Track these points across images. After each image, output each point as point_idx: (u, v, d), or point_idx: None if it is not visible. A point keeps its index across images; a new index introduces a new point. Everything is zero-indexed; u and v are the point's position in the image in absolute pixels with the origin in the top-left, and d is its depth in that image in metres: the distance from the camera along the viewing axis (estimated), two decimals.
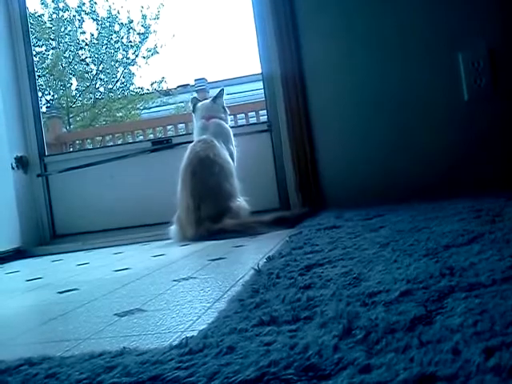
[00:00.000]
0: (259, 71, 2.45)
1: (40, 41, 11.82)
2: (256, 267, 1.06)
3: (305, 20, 2.23)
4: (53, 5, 12.14)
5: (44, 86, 11.77)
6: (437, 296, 0.68)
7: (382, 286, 0.77)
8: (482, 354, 0.47)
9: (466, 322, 0.56)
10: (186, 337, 0.66)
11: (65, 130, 10.57)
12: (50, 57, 12.07)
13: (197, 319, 0.83)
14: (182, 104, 11.35)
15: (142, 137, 7.01)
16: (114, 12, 12.41)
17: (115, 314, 0.95)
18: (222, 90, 2.43)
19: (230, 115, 2.49)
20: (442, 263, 0.86)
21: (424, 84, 2.13)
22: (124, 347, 0.67)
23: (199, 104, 2.41)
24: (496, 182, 2.00)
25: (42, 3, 11.99)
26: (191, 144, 2.23)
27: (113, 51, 12.48)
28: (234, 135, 2.35)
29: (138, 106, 12.37)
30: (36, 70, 2.81)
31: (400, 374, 0.46)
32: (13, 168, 2.54)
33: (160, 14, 12.96)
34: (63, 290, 1.32)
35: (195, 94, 2.26)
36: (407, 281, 0.78)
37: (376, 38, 2.17)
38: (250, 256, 1.55)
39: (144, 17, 12.32)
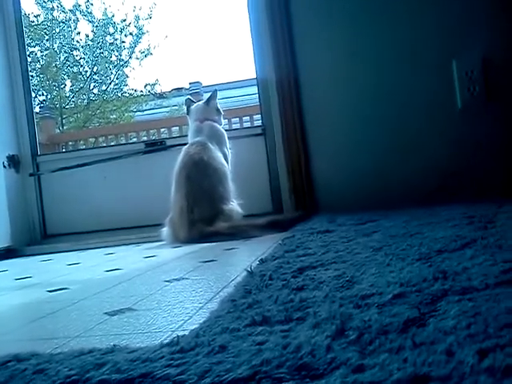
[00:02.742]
0: (254, 76, 2.44)
1: (34, 41, 11.75)
2: (249, 269, 1.06)
3: (300, 25, 2.23)
4: (47, 5, 12.09)
5: (37, 87, 11.70)
6: (430, 299, 0.68)
7: (374, 289, 0.77)
8: (476, 355, 0.47)
9: (459, 325, 0.56)
10: (178, 335, 0.65)
11: (58, 130, 10.51)
12: (43, 57, 12.01)
13: (188, 319, 0.83)
14: (175, 107, 11.32)
15: (135, 139, 6.96)
16: (109, 14, 12.38)
17: (105, 313, 0.94)
18: (216, 91, 2.41)
19: (224, 119, 2.48)
20: (435, 267, 0.86)
21: (418, 91, 2.14)
22: (114, 345, 0.66)
23: (193, 106, 2.40)
24: (488, 188, 2.01)
25: (37, 3, 11.94)
26: (185, 147, 2.22)
27: (107, 52, 12.43)
28: (228, 138, 2.34)
29: (132, 108, 12.32)
30: (29, 70, 2.80)
31: (394, 374, 0.46)
32: (4, 167, 2.53)
33: (152, 13, 12.95)
34: (53, 288, 1.31)
35: (189, 96, 2.25)
36: (400, 284, 0.78)
37: (370, 45, 2.18)
38: (243, 258, 1.55)
39: (137, 18, 12.30)
